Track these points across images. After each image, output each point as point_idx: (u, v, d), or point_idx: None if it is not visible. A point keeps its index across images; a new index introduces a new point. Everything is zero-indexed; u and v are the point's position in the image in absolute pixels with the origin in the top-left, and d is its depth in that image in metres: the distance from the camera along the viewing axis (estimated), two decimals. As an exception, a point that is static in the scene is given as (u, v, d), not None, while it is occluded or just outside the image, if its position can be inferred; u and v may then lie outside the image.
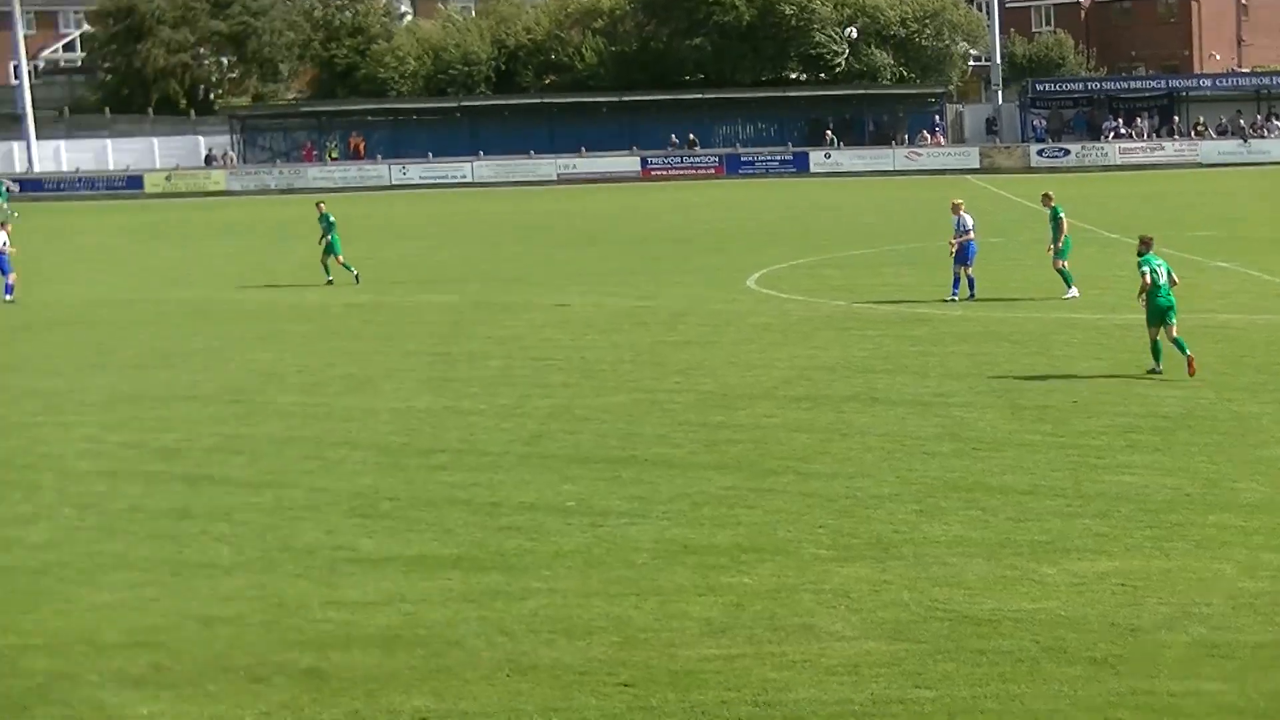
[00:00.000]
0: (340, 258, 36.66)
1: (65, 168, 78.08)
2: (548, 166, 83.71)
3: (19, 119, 78.30)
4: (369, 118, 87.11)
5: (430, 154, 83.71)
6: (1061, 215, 30.34)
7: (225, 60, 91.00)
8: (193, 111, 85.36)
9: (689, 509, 15.43)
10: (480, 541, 14.51)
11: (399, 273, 39.60)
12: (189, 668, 11.40)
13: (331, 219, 36.43)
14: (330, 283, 36.43)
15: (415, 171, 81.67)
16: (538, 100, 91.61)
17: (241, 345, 27.86)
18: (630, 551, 13.96)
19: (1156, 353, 21.53)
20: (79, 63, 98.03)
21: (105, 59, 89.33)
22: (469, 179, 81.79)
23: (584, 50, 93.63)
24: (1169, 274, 21.51)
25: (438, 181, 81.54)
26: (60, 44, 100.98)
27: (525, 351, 26.02)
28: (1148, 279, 21.31)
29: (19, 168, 77.37)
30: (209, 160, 79.44)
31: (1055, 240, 30.37)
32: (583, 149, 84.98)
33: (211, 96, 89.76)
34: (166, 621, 12.46)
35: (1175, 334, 21.38)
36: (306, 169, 78.23)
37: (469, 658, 11.42)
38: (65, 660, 11.63)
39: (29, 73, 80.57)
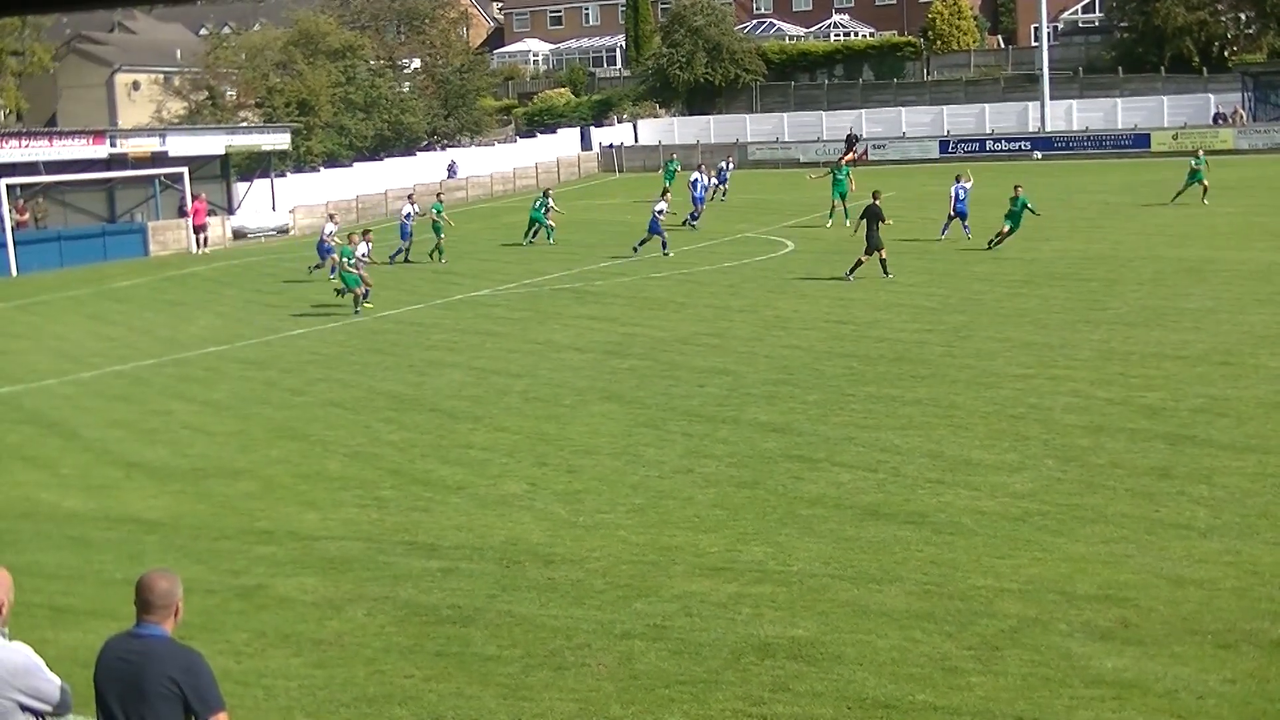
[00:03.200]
0: None
1: (1075, 126, 79.47)
2: None
3: (1036, 79, 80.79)
4: None
5: None
6: None
7: (1243, 16, 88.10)
8: (1204, 69, 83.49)
9: None
10: None
11: None
12: (1156, 627, 11.44)
13: None
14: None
15: None
16: None
17: (1237, 306, 27.09)
18: None
19: None
20: (1096, 23, 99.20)
21: (1123, 18, 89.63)
22: None
23: None
24: None
25: None
26: (1079, 4, 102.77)
27: None
28: None
29: (1032, 126, 79.93)
30: (1217, 119, 77.44)
31: None
32: None
33: (1225, 54, 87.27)
34: (1137, 579, 12.57)
35: None
36: (1319, 128, 74.00)
37: None
38: (1037, 606, 12.08)
39: (1048, 34, 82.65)
